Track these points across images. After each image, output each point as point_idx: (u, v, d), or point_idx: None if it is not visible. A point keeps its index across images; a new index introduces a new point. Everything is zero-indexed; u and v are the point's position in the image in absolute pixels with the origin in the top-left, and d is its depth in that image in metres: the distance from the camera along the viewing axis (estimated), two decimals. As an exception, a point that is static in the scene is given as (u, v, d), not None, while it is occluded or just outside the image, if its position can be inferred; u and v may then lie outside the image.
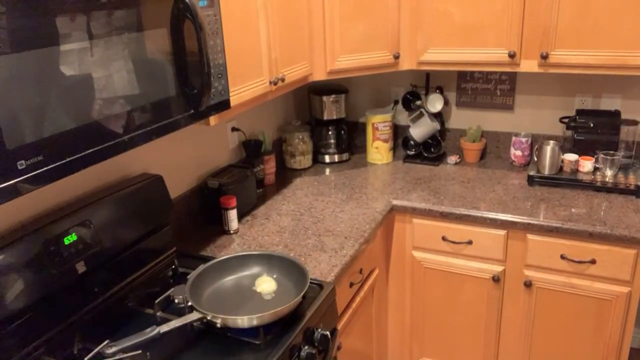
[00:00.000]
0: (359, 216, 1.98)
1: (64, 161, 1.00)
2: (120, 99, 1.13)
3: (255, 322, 1.27)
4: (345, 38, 2.09)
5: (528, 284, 1.98)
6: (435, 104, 2.42)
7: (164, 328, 1.23)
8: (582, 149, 2.21)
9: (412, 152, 2.54)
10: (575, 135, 2.24)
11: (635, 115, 2.24)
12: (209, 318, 1.28)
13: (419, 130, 2.47)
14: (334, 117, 2.53)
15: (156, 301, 1.42)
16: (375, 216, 1.98)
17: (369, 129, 2.51)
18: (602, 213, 1.92)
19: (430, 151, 2.52)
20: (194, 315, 1.28)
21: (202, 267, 1.48)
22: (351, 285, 1.80)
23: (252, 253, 1.56)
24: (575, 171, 2.17)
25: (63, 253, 1.29)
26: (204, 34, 1.28)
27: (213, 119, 1.53)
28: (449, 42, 2.13)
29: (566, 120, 2.29)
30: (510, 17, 2.00)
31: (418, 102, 2.46)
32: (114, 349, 1.18)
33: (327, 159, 2.58)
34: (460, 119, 2.56)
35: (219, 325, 1.28)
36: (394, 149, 2.63)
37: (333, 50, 2.08)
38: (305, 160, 2.50)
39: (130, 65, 1.14)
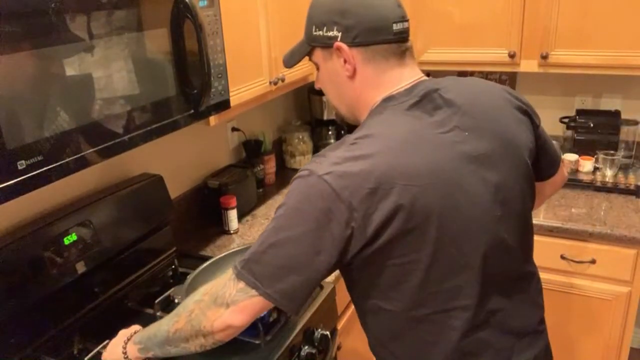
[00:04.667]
0: (359, 216, 1.98)
1: (64, 161, 1.00)
2: (120, 99, 1.13)
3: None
4: (345, 38, 2.09)
5: (528, 284, 1.98)
6: (435, 104, 2.42)
7: None
8: (582, 149, 2.21)
9: (412, 152, 2.54)
10: (575, 135, 2.24)
11: (635, 115, 2.24)
12: None
13: (419, 130, 2.46)
14: (334, 117, 2.53)
15: (156, 301, 1.42)
16: (375, 216, 1.97)
17: (369, 129, 2.51)
18: (602, 213, 1.92)
19: (430, 151, 2.52)
20: None
21: (198, 269, 1.47)
22: (351, 285, 1.79)
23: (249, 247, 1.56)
24: (575, 171, 2.17)
25: (63, 253, 1.29)
26: (204, 34, 1.28)
27: (213, 119, 1.53)
28: (449, 42, 2.12)
29: (566, 120, 2.29)
30: (510, 17, 2.00)
31: (418, 102, 2.46)
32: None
33: (327, 159, 2.58)
34: (460, 119, 2.56)
35: None
36: (394, 149, 2.62)
37: (333, 50, 2.08)
38: (305, 160, 2.50)
39: (130, 65, 1.14)
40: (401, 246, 0.89)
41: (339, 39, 0.97)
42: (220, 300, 0.93)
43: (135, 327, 1.16)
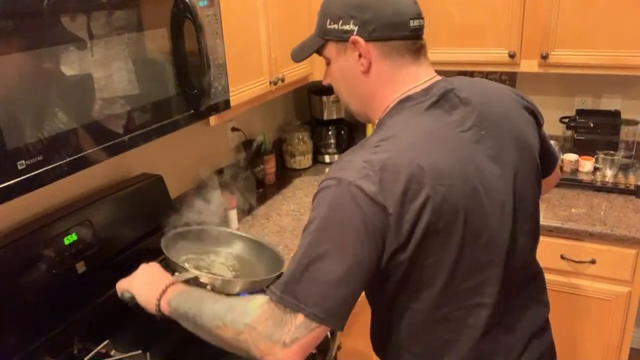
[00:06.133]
0: (359, 216, 1.98)
1: (64, 161, 1.00)
2: (120, 99, 1.12)
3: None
4: (345, 38, 2.09)
5: (528, 284, 1.98)
6: (435, 104, 2.41)
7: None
8: (582, 149, 2.21)
9: (412, 152, 2.54)
10: (575, 135, 2.24)
11: (635, 115, 2.24)
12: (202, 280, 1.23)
13: (419, 130, 2.46)
14: (334, 117, 2.53)
15: (156, 301, 1.42)
16: (375, 216, 1.97)
17: (369, 129, 2.51)
18: (602, 213, 1.92)
19: (430, 151, 2.52)
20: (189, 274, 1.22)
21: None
22: (351, 285, 1.79)
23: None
24: (575, 171, 2.17)
25: (63, 253, 1.29)
26: (203, 34, 1.28)
27: (213, 119, 1.53)
28: (449, 42, 2.12)
29: (566, 120, 2.29)
30: (510, 17, 2.00)
31: (418, 102, 2.46)
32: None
33: (327, 159, 2.58)
34: (460, 119, 2.56)
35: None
36: (394, 149, 2.62)
37: (333, 50, 2.08)
38: (305, 160, 2.50)
39: (130, 65, 1.14)
40: (430, 246, 0.88)
41: (355, 33, 0.95)
42: (277, 337, 0.86)
43: (161, 274, 1.11)
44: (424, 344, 0.98)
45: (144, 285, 1.11)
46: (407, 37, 0.96)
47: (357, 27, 0.95)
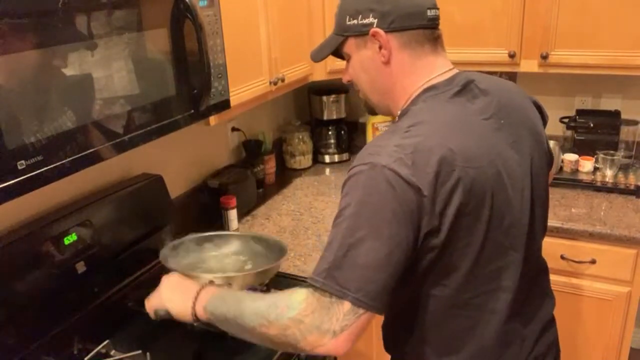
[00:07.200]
0: (359, 216, 1.98)
1: (64, 161, 1.00)
2: (120, 99, 1.12)
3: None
4: (345, 38, 2.09)
5: (528, 284, 1.98)
6: (435, 104, 2.41)
7: None
8: (582, 149, 2.21)
9: (412, 152, 2.54)
10: (575, 135, 2.24)
11: (635, 115, 2.24)
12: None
13: (419, 130, 2.46)
14: (334, 117, 2.53)
15: (156, 301, 1.42)
16: (375, 216, 1.97)
17: (369, 129, 2.51)
18: (602, 213, 1.92)
19: (430, 151, 2.52)
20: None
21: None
22: (351, 285, 1.79)
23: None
24: (575, 171, 2.17)
25: (63, 253, 1.29)
26: (204, 34, 1.28)
27: (213, 119, 1.53)
28: (449, 42, 2.10)
29: (566, 120, 2.29)
30: (510, 17, 2.00)
31: (418, 102, 2.46)
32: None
33: (327, 159, 2.58)
34: (460, 119, 2.55)
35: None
36: (394, 149, 2.62)
37: (333, 50, 2.08)
38: (305, 160, 2.50)
39: (130, 65, 1.14)
40: (461, 229, 0.89)
41: (375, 25, 0.98)
42: (326, 327, 0.86)
43: (186, 282, 1.12)
44: (445, 334, 0.99)
45: (174, 296, 1.11)
46: (425, 26, 1.00)
47: (376, 20, 0.98)
